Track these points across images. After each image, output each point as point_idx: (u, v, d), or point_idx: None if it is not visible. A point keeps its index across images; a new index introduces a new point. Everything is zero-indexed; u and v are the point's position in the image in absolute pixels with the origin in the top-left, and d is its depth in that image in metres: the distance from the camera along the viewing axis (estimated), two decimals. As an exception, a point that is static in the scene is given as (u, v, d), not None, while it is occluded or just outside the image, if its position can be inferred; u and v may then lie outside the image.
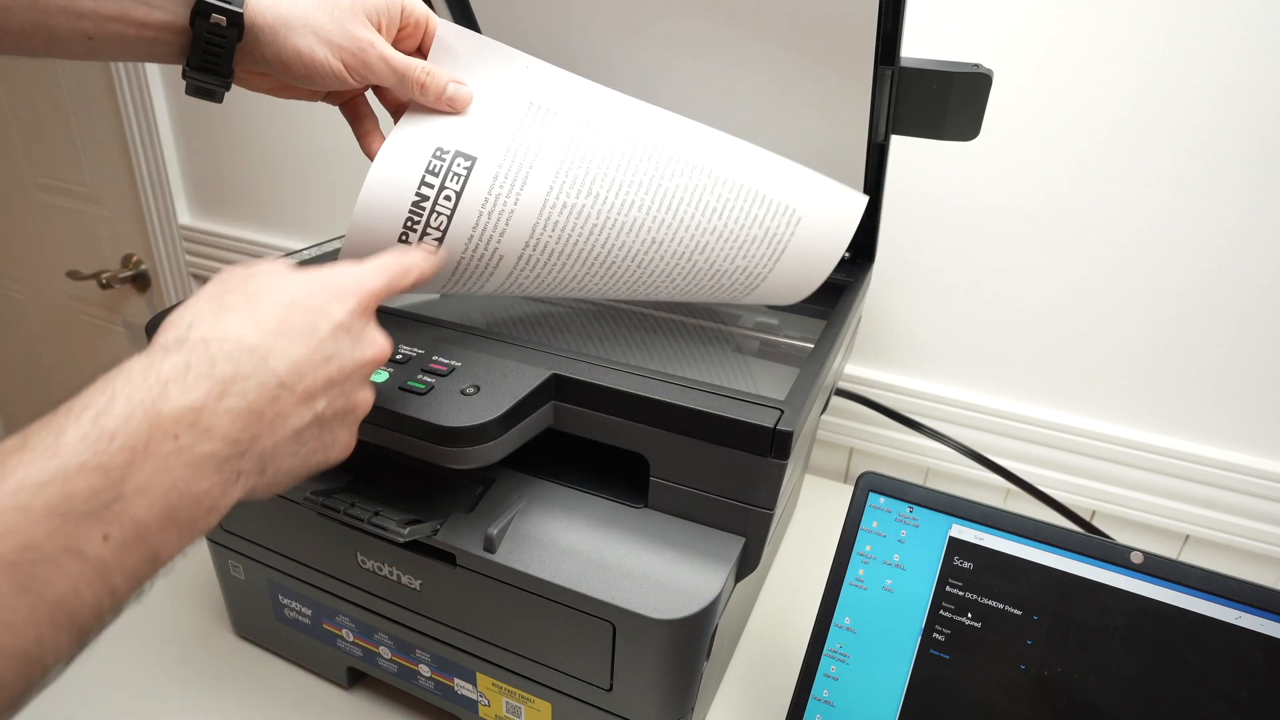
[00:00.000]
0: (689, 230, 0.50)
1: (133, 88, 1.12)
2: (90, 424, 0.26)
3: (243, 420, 0.29)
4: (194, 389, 0.28)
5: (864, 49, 0.51)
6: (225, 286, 0.34)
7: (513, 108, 0.48)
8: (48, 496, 0.24)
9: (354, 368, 0.35)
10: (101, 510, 0.25)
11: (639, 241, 0.49)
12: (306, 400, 0.32)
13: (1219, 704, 0.40)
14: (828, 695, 0.47)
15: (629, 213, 0.49)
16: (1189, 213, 0.66)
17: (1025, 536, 0.44)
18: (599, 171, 0.48)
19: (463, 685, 0.52)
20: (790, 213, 0.52)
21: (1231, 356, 0.69)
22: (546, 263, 0.49)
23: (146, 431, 0.26)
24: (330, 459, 0.36)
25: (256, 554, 0.55)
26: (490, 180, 0.46)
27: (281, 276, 0.34)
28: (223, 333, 0.31)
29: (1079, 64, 0.65)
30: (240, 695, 0.57)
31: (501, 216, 0.47)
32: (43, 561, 0.24)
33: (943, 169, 0.73)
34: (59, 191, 1.36)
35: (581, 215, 0.48)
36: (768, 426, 0.41)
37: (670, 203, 0.49)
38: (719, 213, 0.50)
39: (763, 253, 0.52)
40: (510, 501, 0.46)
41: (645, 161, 0.49)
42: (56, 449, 0.25)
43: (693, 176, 0.49)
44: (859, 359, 0.84)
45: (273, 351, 0.31)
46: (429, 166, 0.46)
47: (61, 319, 1.50)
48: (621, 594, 0.42)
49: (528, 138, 0.47)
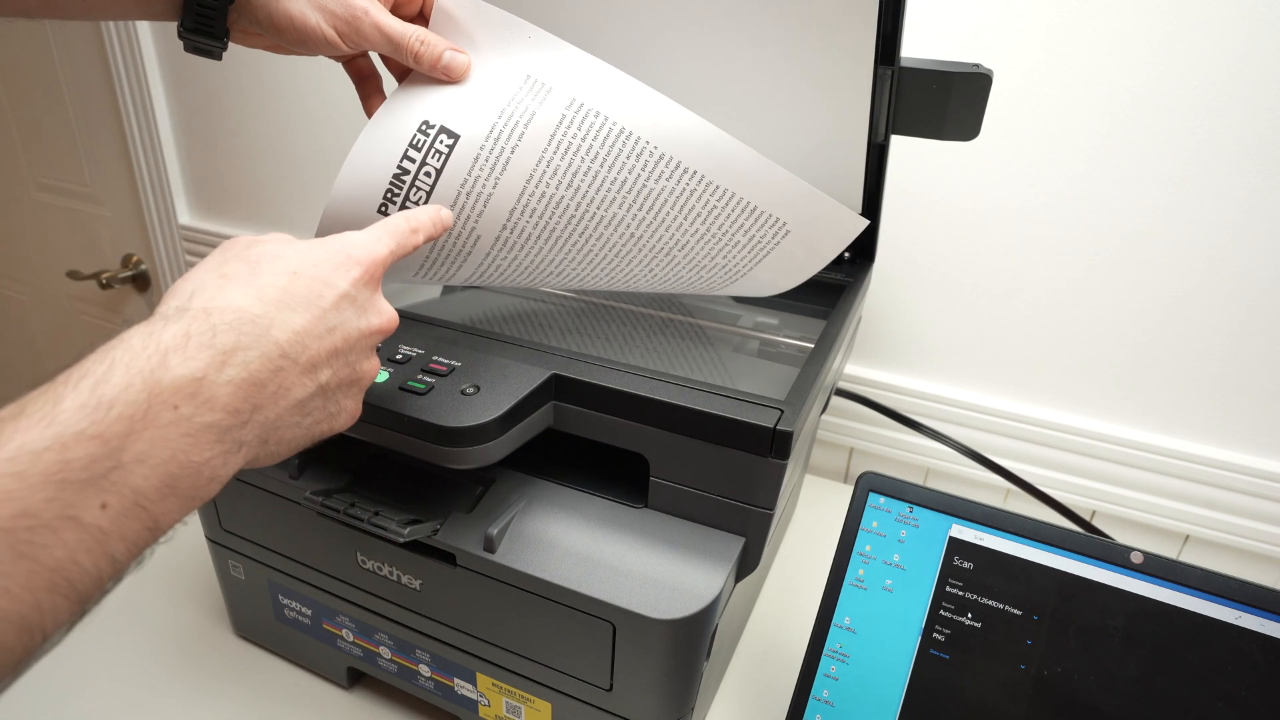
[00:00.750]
0: (670, 231, 0.49)
1: (133, 88, 1.12)
2: (88, 392, 0.25)
3: (244, 391, 0.29)
4: (194, 359, 0.28)
5: (864, 49, 0.51)
6: (227, 256, 0.33)
7: (509, 81, 0.47)
8: (45, 464, 0.24)
9: (359, 337, 0.34)
10: (99, 479, 0.25)
11: (617, 235, 0.49)
12: (310, 370, 0.32)
13: (1219, 704, 0.40)
14: (828, 695, 0.47)
15: (608, 208, 0.48)
16: (1189, 212, 0.66)
17: (1025, 536, 0.44)
18: (582, 165, 0.47)
19: (463, 685, 0.52)
20: (779, 225, 0.51)
21: (1231, 356, 0.69)
22: (523, 246, 0.49)
23: (145, 401, 0.26)
24: (335, 427, 0.35)
25: (256, 554, 0.55)
26: (470, 161, 0.46)
27: (285, 246, 0.34)
28: (224, 302, 0.30)
29: (1078, 64, 0.65)
30: (240, 695, 0.57)
31: (480, 198, 0.46)
32: (40, 528, 0.24)
33: (943, 169, 0.73)
34: (59, 191, 1.36)
35: (560, 205, 0.47)
36: (768, 426, 0.41)
37: (653, 204, 0.48)
38: (703, 218, 0.50)
39: (744, 255, 0.52)
40: (510, 501, 0.46)
41: (632, 159, 0.47)
42: (54, 416, 0.25)
43: (680, 180, 0.48)
44: (859, 359, 0.84)
45: (275, 322, 0.31)
46: (413, 140, 0.45)
47: (61, 319, 1.50)
48: (621, 594, 0.42)
49: (515, 118, 0.46)
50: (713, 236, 0.50)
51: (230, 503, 0.54)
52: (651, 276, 0.52)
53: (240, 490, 0.52)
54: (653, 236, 0.50)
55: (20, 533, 0.23)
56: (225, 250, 0.34)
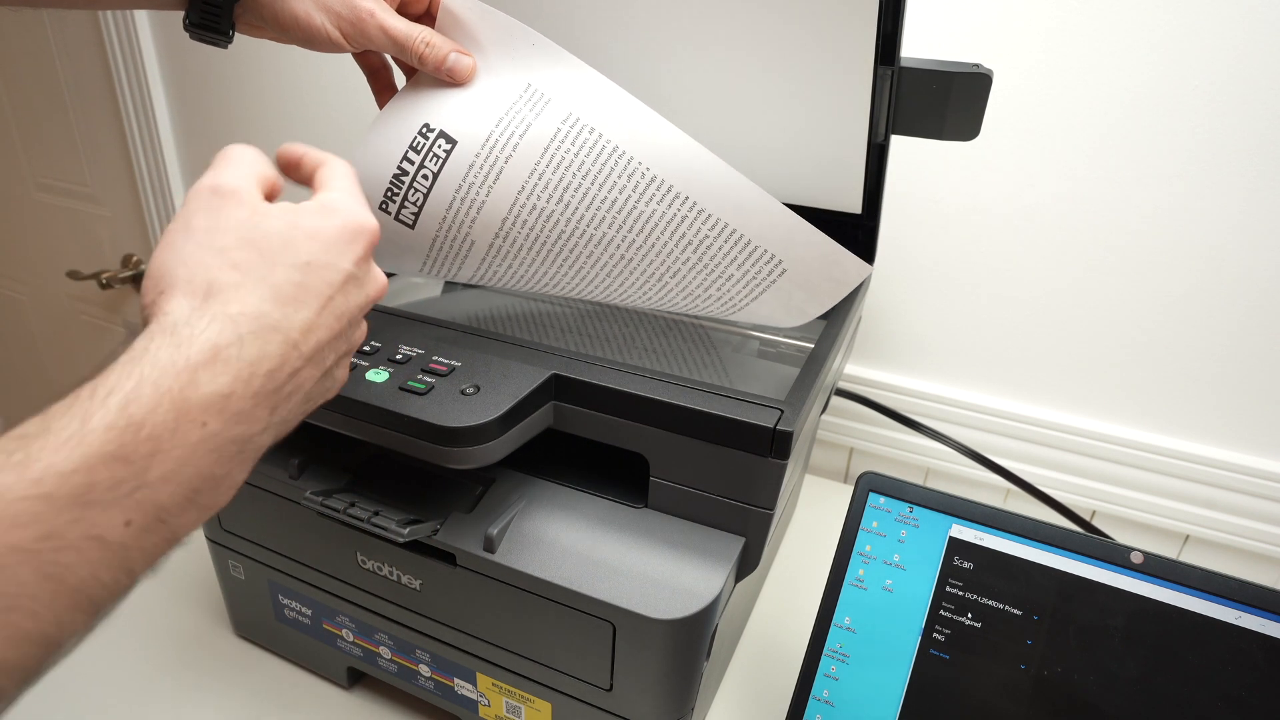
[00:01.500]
0: (660, 256, 0.49)
1: (133, 87, 1.12)
2: (116, 411, 0.25)
3: (268, 400, 0.29)
4: (222, 374, 0.28)
5: (864, 49, 0.51)
6: (218, 224, 0.31)
7: (509, 89, 0.47)
8: (72, 486, 0.24)
9: (356, 310, 0.34)
10: (124, 498, 0.25)
11: (608, 256, 0.49)
12: (317, 359, 0.32)
13: (1219, 704, 0.40)
14: (828, 695, 0.47)
15: (598, 227, 0.48)
16: (1189, 212, 0.66)
17: (1025, 536, 0.44)
18: (573, 181, 0.47)
19: (463, 685, 0.52)
20: (774, 262, 0.50)
21: (1231, 356, 0.69)
22: (517, 255, 0.49)
23: (174, 421, 0.26)
24: (329, 397, 0.35)
25: (256, 554, 0.55)
26: (466, 168, 0.46)
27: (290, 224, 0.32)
28: (244, 307, 0.29)
29: (1078, 64, 0.65)
30: (240, 695, 0.57)
31: (474, 205, 0.47)
32: (65, 549, 0.24)
33: (943, 169, 0.73)
34: (59, 191, 1.36)
35: (550, 220, 0.47)
36: (768, 426, 0.41)
37: (644, 227, 0.48)
38: (694, 246, 0.48)
39: (738, 289, 0.51)
40: (510, 501, 0.46)
41: (624, 179, 0.47)
42: (82, 437, 0.24)
43: (672, 205, 0.47)
44: (859, 359, 0.84)
45: (292, 322, 0.31)
46: (412, 143, 0.46)
47: (61, 319, 1.50)
48: (621, 594, 0.42)
49: (512, 128, 0.46)
50: (705, 267, 0.49)
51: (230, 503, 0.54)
52: (646, 299, 0.52)
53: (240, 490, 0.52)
54: (643, 260, 0.49)
55: (46, 554, 0.23)
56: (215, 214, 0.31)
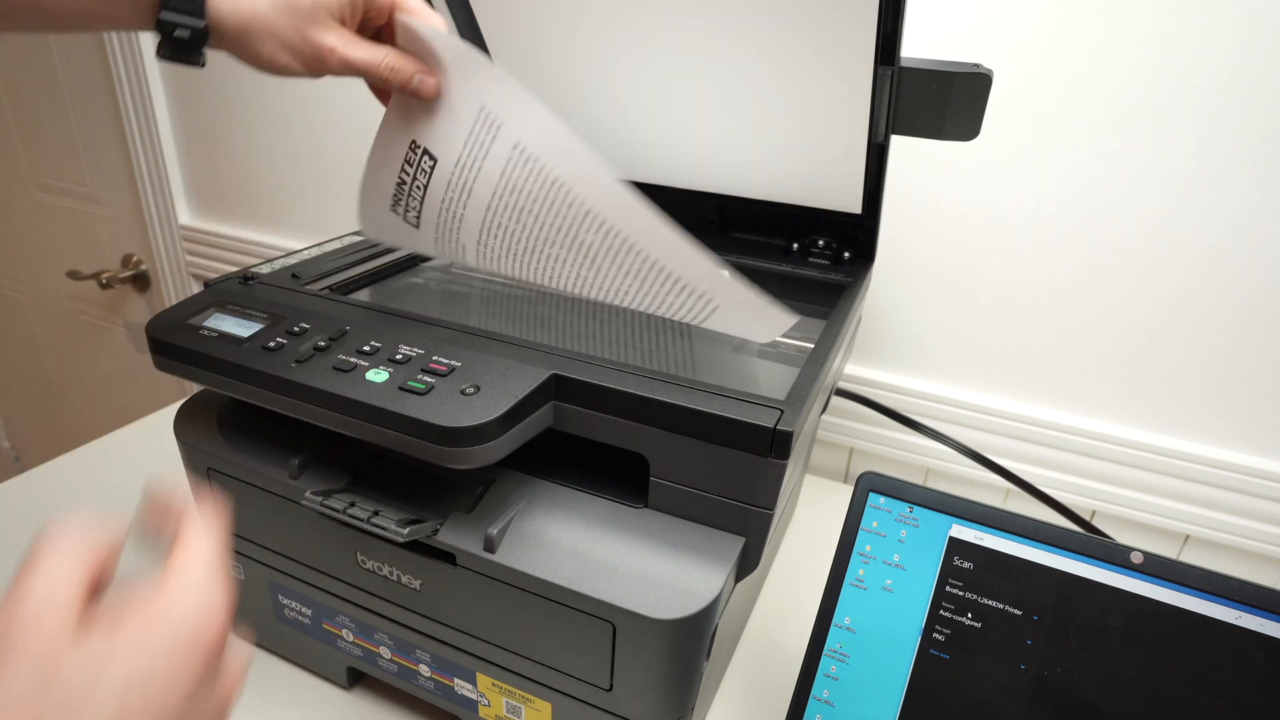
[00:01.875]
0: (609, 278, 0.51)
1: (133, 88, 1.12)
2: None
3: None
4: None
5: (864, 49, 0.51)
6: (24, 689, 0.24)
7: (467, 112, 0.48)
8: None
9: (214, 712, 0.30)
10: None
11: (569, 270, 0.51)
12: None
13: (1219, 704, 0.40)
14: (828, 695, 0.47)
15: (553, 248, 0.50)
16: (1189, 212, 0.66)
17: (1025, 536, 0.44)
18: (526, 205, 0.49)
19: (463, 685, 0.52)
20: (705, 301, 0.50)
21: (1231, 356, 0.69)
22: (499, 260, 0.53)
23: None
24: None
25: (256, 554, 0.55)
26: (445, 185, 0.50)
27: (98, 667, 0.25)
28: None
29: (1078, 64, 0.65)
30: (240, 695, 0.57)
31: (456, 217, 0.51)
32: None
33: (943, 169, 0.73)
34: (59, 191, 1.36)
35: (513, 237, 0.51)
36: (768, 426, 0.41)
37: (589, 254, 0.50)
38: (634, 276, 0.50)
39: (686, 314, 0.52)
40: (510, 501, 0.46)
41: (565, 208, 0.48)
42: None
43: (607, 238, 0.49)
44: (859, 359, 0.84)
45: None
46: (405, 157, 0.51)
47: (61, 319, 1.51)
48: (621, 594, 0.42)
49: (474, 151, 0.49)
50: (649, 293, 0.51)
51: (231, 503, 0.54)
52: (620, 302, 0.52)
53: (240, 490, 0.52)
54: (597, 279, 0.51)
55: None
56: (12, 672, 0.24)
